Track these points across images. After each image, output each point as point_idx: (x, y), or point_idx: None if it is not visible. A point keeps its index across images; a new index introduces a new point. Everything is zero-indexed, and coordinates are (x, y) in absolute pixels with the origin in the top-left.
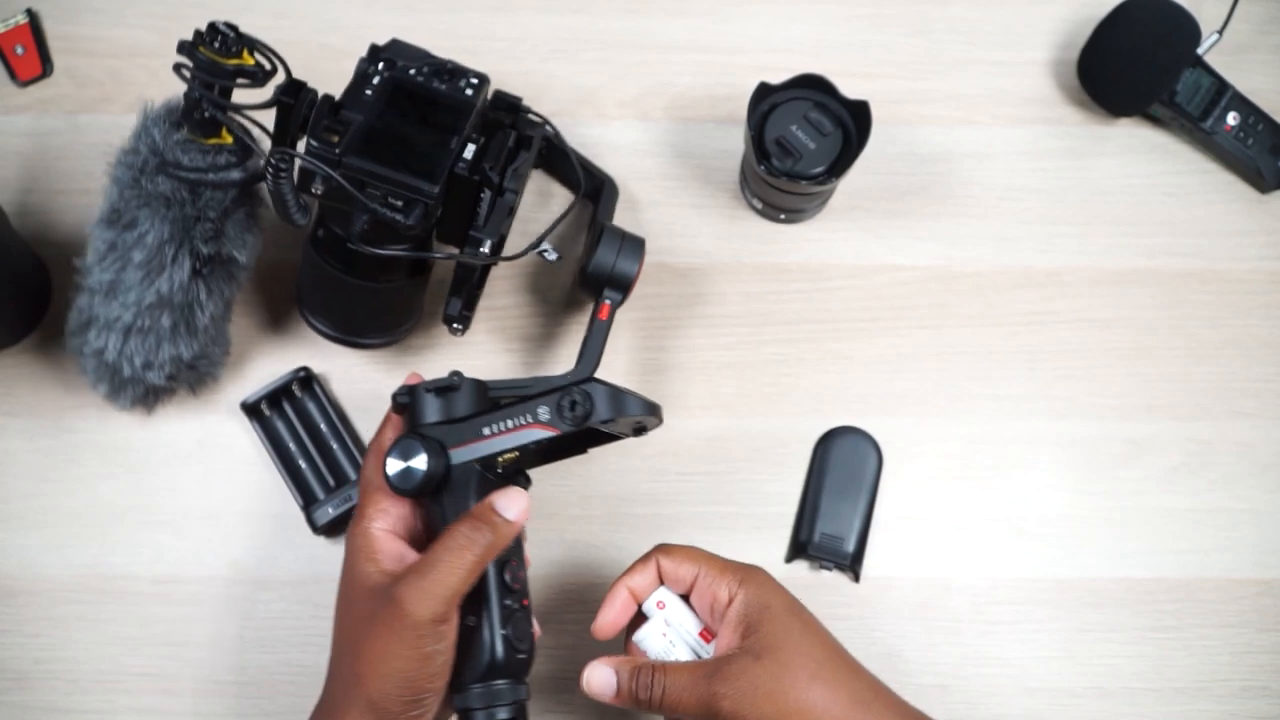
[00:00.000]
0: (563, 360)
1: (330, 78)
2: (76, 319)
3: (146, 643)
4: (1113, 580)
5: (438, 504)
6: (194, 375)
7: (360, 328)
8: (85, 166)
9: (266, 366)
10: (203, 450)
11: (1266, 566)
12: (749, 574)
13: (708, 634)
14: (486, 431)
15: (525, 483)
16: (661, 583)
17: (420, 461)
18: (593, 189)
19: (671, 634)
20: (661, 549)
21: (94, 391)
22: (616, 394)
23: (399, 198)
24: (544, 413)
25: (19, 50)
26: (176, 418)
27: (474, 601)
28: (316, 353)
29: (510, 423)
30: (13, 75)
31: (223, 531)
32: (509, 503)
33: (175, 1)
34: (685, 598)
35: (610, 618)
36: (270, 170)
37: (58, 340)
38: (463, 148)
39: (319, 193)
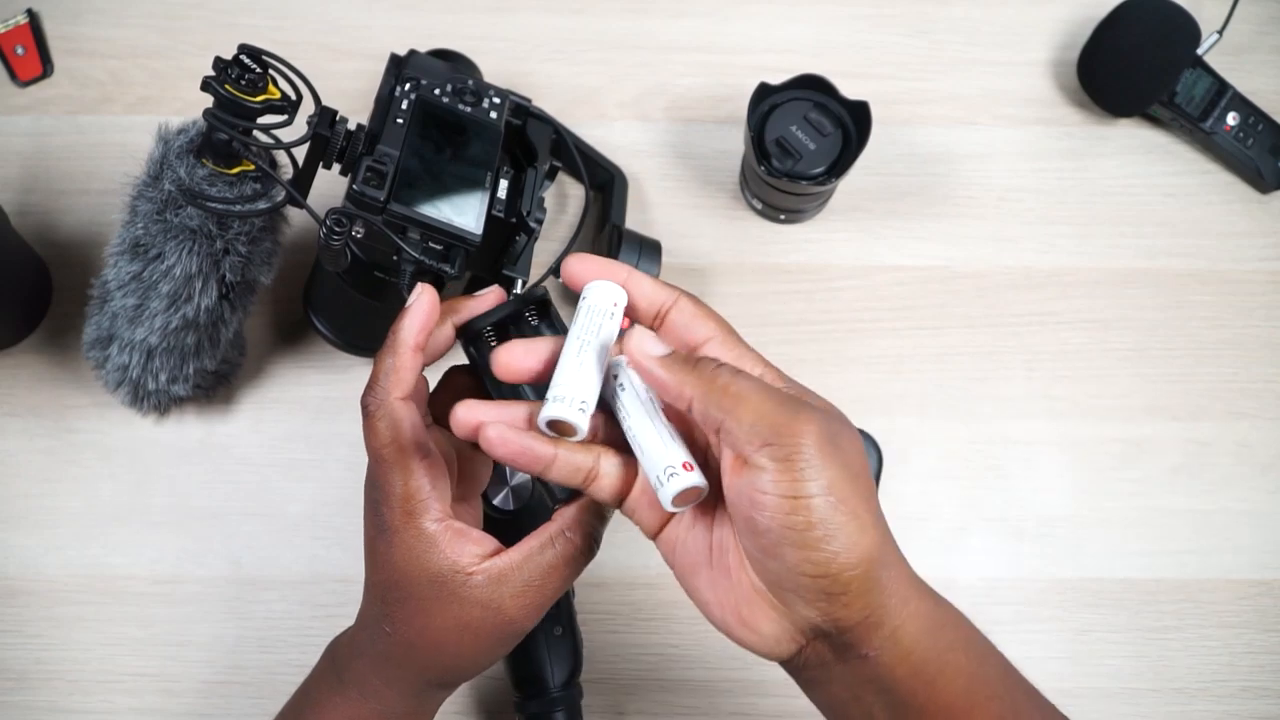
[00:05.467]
0: None
1: (333, 79)
2: (94, 333)
3: (147, 643)
4: (1113, 580)
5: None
6: (214, 379)
7: (365, 339)
8: (85, 166)
9: (275, 363)
10: (204, 450)
11: (1266, 567)
12: (769, 364)
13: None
14: None
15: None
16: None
17: None
18: (603, 182)
19: (649, 404)
20: (688, 293)
21: (112, 397)
22: None
23: (440, 243)
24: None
25: (19, 50)
26: (177, 418)
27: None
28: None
29: None
30: (13, 75)
31: (223, 531)
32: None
33: (175, 1)
34: None
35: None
36: (326, 229)
37: (58, 340)
38: (496, 185)
39: (359, 235)
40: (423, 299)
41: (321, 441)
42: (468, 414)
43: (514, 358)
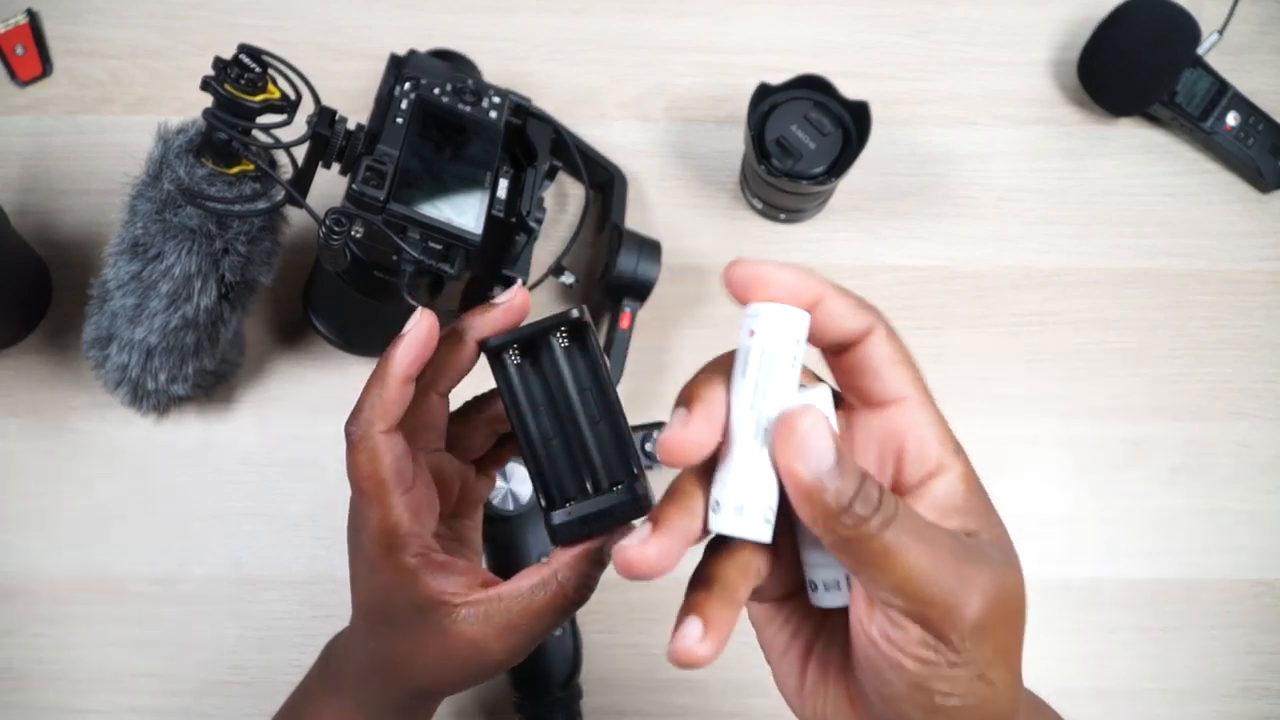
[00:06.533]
0: None
1: (333, 79)
2: (93, 332)
3: (147, 643)
4: (1113, 580)
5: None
6: (213, 379)
7: (365, 339)
8: (85, 166)
9: (275, 362)
10: (204, 450)
11: (1267, 567)
12: (964, 453)
13: None
14: None
15: None
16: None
17: None
18: (603, 182)
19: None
20: (885, 320)
21: (111, 397)
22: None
23: (439, 242)
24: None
25: (19, 50)
26: (177, 417)
27: None
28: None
29: None
30: (13, 75)
31: (223, 531)
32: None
33: (175, 1)
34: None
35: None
36: (326, 229)
37: (58, 340)
38: (496, 184)
39: (358, 235)
40: (419, 326)
41: (321, 441)
42: (640, 555)
43: (685, 439)
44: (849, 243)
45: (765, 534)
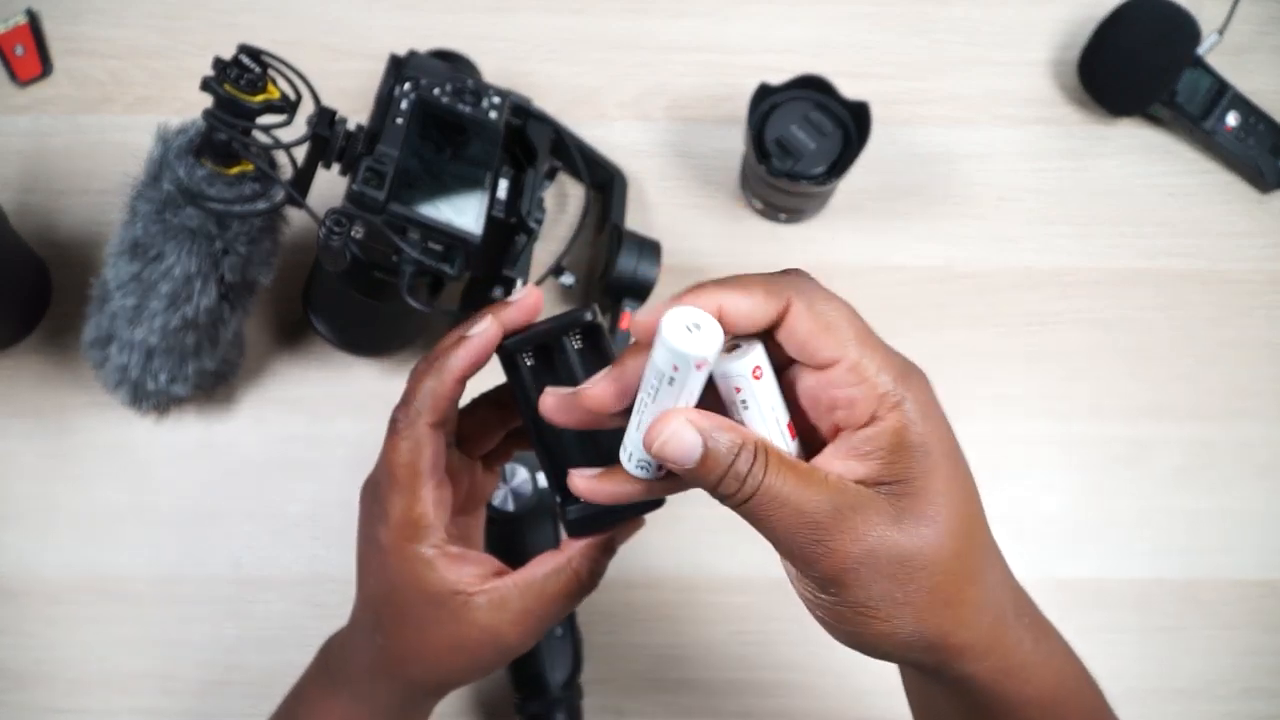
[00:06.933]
0: None
1: (333, 79)
2: (93, 333)
3: (146, 643)
4: (1114, 580)
5: None
6: (214, 379)
7: (364, 339)
8: (85, 166)
9: (275, 363)
10: (204, 450)
11: (1268, 567)
12: (910, 385)
13: (793, 428)
14: None
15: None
16: (769, 336)
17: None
18: (603, 182)
19: (753, 413)
20: (803, 289)
21: (111, 397)
22: None
23: (439, 243)
24: None
25: (19, 50)
26: (177, 417)
27: None
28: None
29: None
30: (13, 75)
31: (223, 531)
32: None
33: (175, 1)
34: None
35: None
36: (326, 229)
37: (58, 340)
38: (496, 185)
39: (358, 235)
40: (486, 333)
41: (321, 441)
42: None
43: (590, 394)
44: (849, 243)
45: (642, 477)
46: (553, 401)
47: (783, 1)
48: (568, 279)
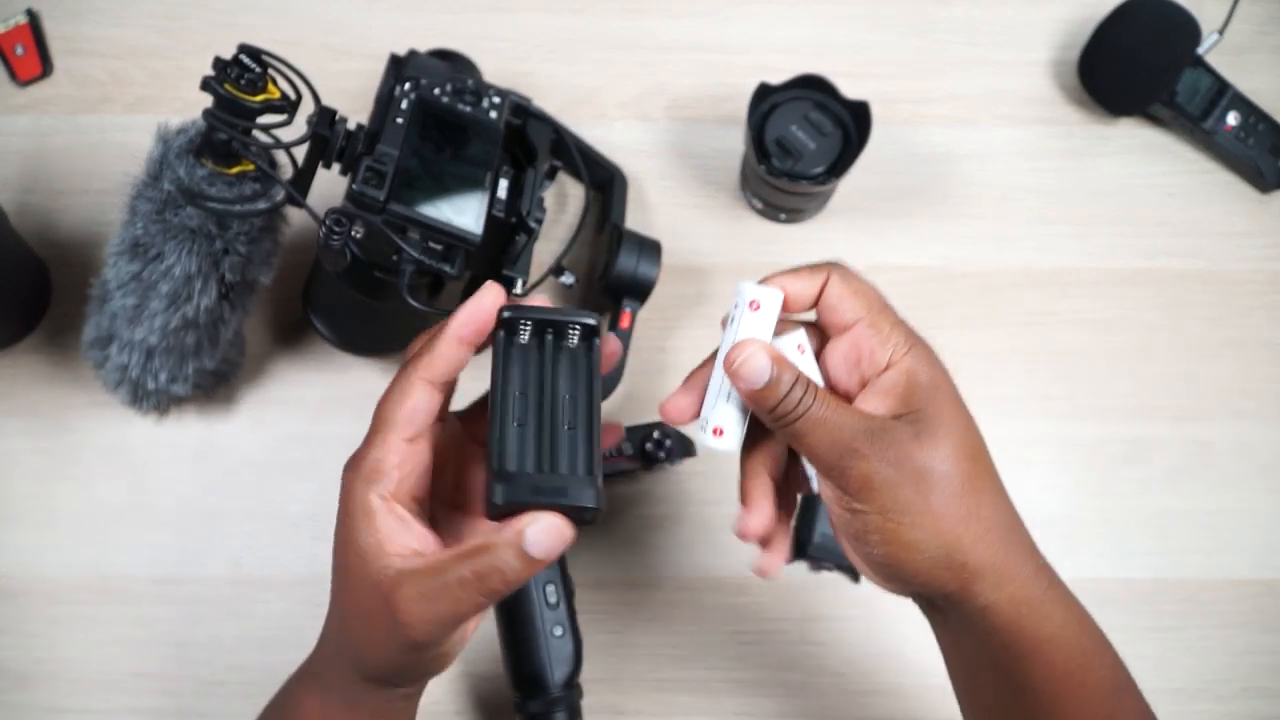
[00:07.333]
0: None
1: (333, 79)
2: (93, 333)
3: (146, 643)
4: (1113, 580)
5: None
6: (214, 379)
7: (364, 339)
8: (85, 166)
9: (275, 363)
10: (203, 450)
11: (1267, 567)
12: (917, 343)
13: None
14: None
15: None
16: (813, 310)
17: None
18: (602, 181)
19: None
20: (839, 268)
21: (111, 397)
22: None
23: (439, 242)
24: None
25: (19, 50)
26: (177, 417)
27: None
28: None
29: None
30: (13, 75)
31: (223, 531)
32: (543, 539)
33: (175, 1)
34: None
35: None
36: (326, 229)
37: (58, 340)
38: (496, 185)
39: (358, 235)
40: (486, 296)
41: (321, 441)
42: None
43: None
44: (849, 243)
45: (718, 441)
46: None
47: (783, 1)
48: (568, 279)
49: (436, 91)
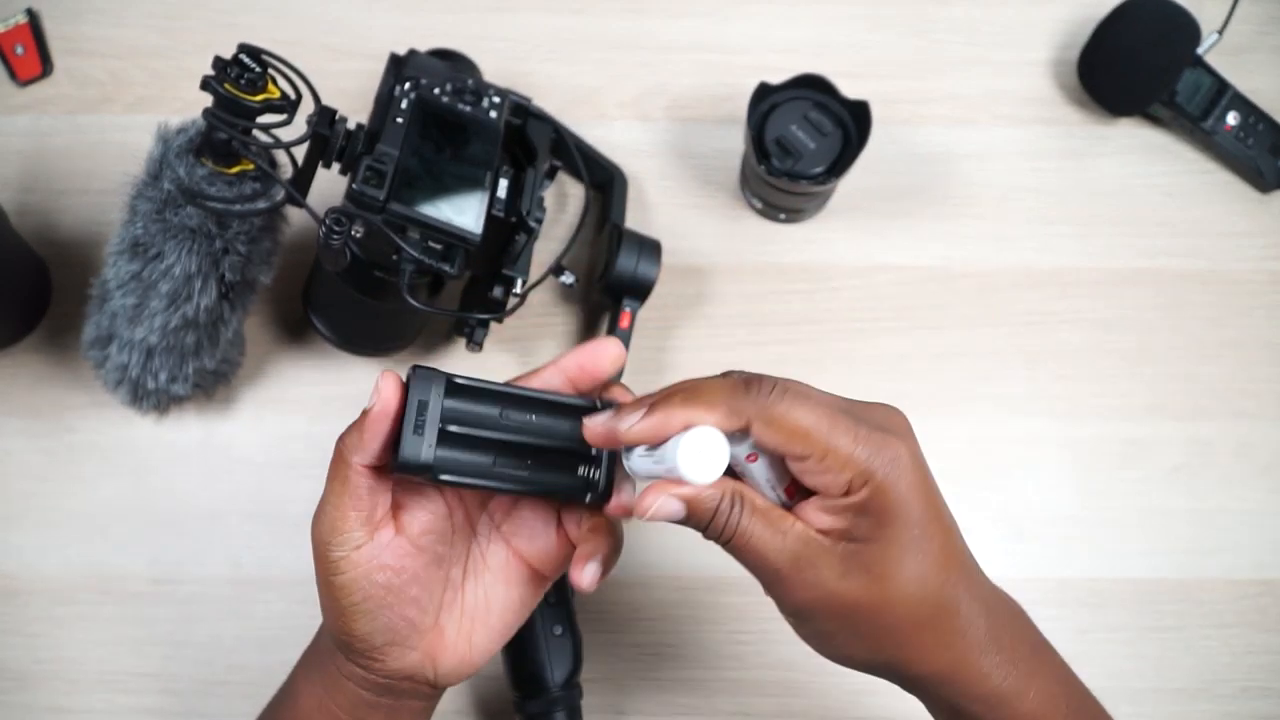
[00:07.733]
0: None
1: (333, 79)
2: (93, 332)
3: (146, 643)
4: (1113, 580)
5: None
6: (213, 379)
7: (365, 338)
8: (85, 166)
9: (275, 362)
10: (204, 450)
11: (1267, 567)
12: (883, 457)
13: (794, 490)
14: None
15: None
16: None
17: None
18: (602, 181)
19: (753, 481)
20: (760, 401)
21: (112, 396)
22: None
23: (439, 242)
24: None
25: (19, 50)
26: (177, 417)
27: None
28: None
29: None
30: (13, 75)
31: (223, 531)
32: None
33: (175, 1)
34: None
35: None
36: (326, 229)
37: (58, 340)
38: (495, 184)
39: (358, 235)
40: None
41: (321, 441)
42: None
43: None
44: (849, 243)
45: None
46: (599, 425)
47: (783, 1)
48: (568, 278)
49: (436, 91)
